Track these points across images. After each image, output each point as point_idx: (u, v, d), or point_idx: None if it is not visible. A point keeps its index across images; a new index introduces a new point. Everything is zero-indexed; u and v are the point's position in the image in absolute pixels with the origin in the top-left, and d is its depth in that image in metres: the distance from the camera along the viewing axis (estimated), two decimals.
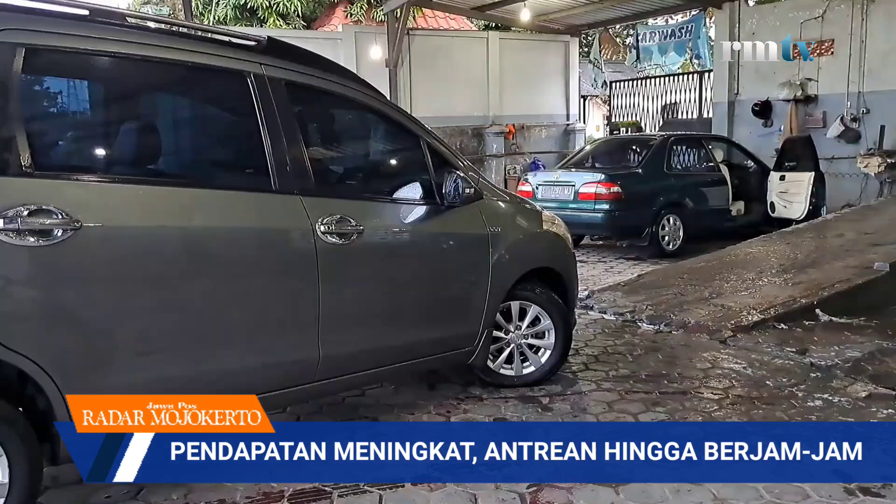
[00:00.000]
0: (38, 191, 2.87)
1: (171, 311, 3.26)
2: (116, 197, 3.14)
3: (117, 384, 3.07)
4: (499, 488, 3.60)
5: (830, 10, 13.49)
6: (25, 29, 2.96)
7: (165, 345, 3.26)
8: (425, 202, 4.33)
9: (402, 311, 4.32)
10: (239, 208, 3.57)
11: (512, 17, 17.72)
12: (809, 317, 6.62)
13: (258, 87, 3.63)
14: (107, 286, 3.05)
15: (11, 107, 2.87)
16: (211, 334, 3.42)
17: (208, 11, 17.49)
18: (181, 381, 3.26)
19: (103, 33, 3.19)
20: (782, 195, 11.59)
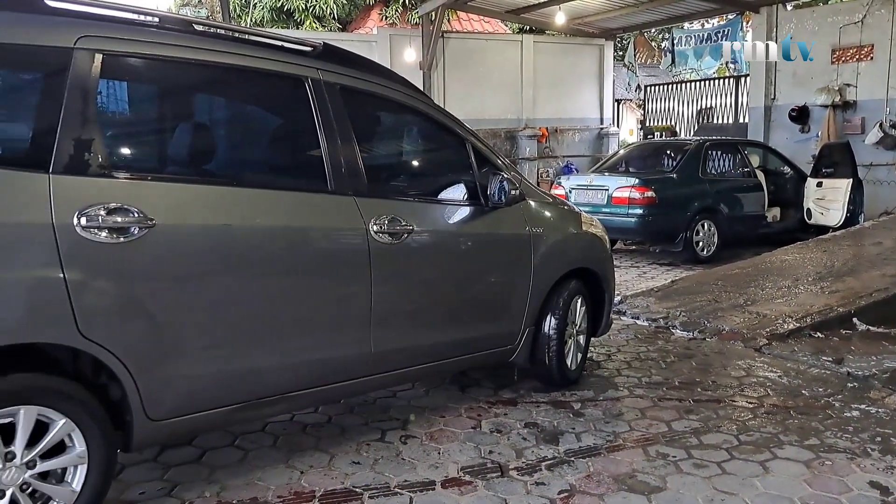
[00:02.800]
0: (115, 191, 2.99)
1: (235, 306, 3.37)
2: (186, 196, 3.25)
3: (185, 374, 3.20)
4: (529, 493, 3.57)
5: (870, 15, 13.32)
6: (102, 36, 3.07)
7: (229, 338, 3.37)
8: (470, 203, 4.43)
9: (447, 309, 4.42)
10: (298, 208, 3.68)
11: (546, 20, 17.70)
12: (846, 326, 6.54)
13: (315, 92, 3.76)
14: (177, 281, 3.16)
15: (90, 111, 3.00)
16: (271, 329, 3.52)
17: (245, 14, 17.64)
18: (244, 374, 3.42)
19: (173, 40, 3.32)
20: (819, 202, 11.46)
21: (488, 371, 5.42)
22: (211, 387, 3.33)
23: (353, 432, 4.29)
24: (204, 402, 3.33)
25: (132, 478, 3.69)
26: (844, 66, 13.81)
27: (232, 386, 3.40)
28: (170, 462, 3.86)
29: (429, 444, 4.15)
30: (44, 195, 2.79)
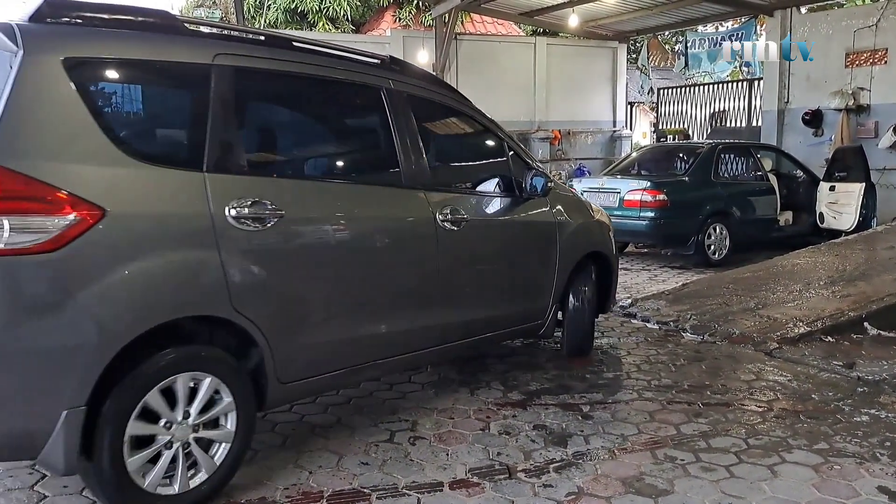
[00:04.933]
0: (253, 186, 3.54)
1: (343, 284, 3.97)
2: (304, 191, 3.87)
3: (307, 343, 3.76)
4: (537, 495, 3.58)
5: (885, 19, 13.27)
6: (232, 53, 3.66)
7: (340, 311, 3.97)
8: (510, 195, 5.10)
9: (496, 287, 5.08)
10: (382, 201, 4.28)
11: (560, 22, 17.69)
12: (858, 330, 6.52)
13: (389, 99, 4.36)
14: (301, 263, 3.73)
15: (229, 117, 3.57)
16: (368, 303, 4.13)
17: (259, 15, 17.71)
18: (349, 343, 4.02)
19: (282, 55, 3.91)
20: (832, 206, 11.42)
21: (497, 373, 5.44)
22: (325, 354, 3.91)
23: (361, 433, 4.30)
24: (319, 368, 3.89)
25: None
26: (858, 70, 13.75)
27: (340, 353, 4.00)
28: None
29: (437, 445, 4.16)
30: (202, 190, 3.34)
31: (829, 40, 14.09)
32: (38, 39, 3.10)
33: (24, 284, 2.86)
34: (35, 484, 3.63)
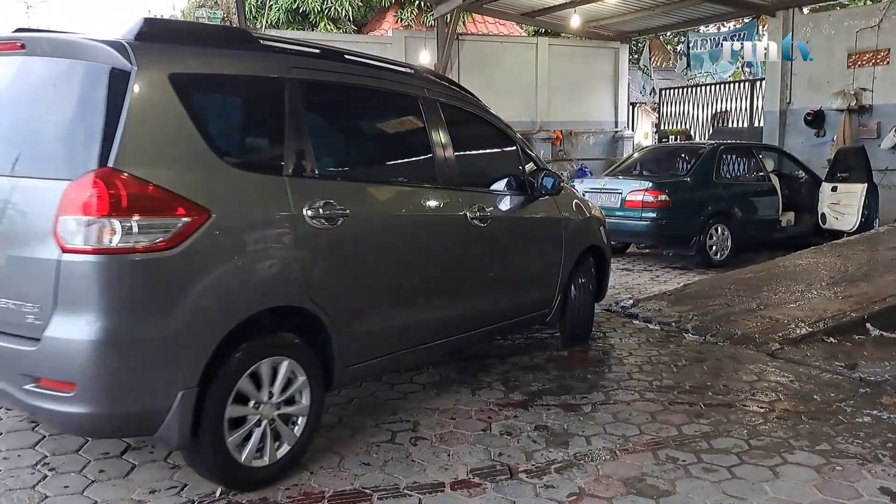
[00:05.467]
0: (323, 189, 3.90)
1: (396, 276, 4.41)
2: (362, 192, 4.24)
3: (367, 330, 4.15)
4: (538, 496, 3.58)
5: (887, 19, 13.27)
6: (302, 67, 4.04)
7: (393, 301, 4.40)
8: (525, 194, 5.52)
9: (514, 278, 5.55)
10: (424, 200, 4.68)
11: (562, 23, 17.69)
12: (860, 331, 6.51)
13: (425, 107, 4.79)
14: (361, 257, 4.11)
15: (303, 126, 3.92)
16: (415, 292, 4.59)
17: (261, 15, 17.70)
18: (400, 329, 4.43)
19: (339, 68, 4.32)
20: (834, 206, 11.40)
21: (499, 374, 5.44)
22: (380, 339, 4.30)
23: (363, 433, 4.31)
24: (376, 351, 4.29)
25: (142, 478, 3.73)
26: (860, 71, 13.75)
27: (393, 338, 4.41)
28: (179, 462, 3.88)
29: (438, 445, 4.16)
30: (284, 193, 3.70)
31: (832, 41, 14.08)
32: (148, 57, 3.35)
33: (149, 279, 3.17)
34: (36, 484, 3.63)
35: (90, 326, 3.05)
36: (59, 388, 3.12)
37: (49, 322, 3.11)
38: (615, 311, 7.45)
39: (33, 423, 4.33)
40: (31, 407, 3.27)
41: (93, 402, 3.13)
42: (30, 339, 3.16)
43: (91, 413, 3.14)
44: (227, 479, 3.57)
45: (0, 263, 3.34)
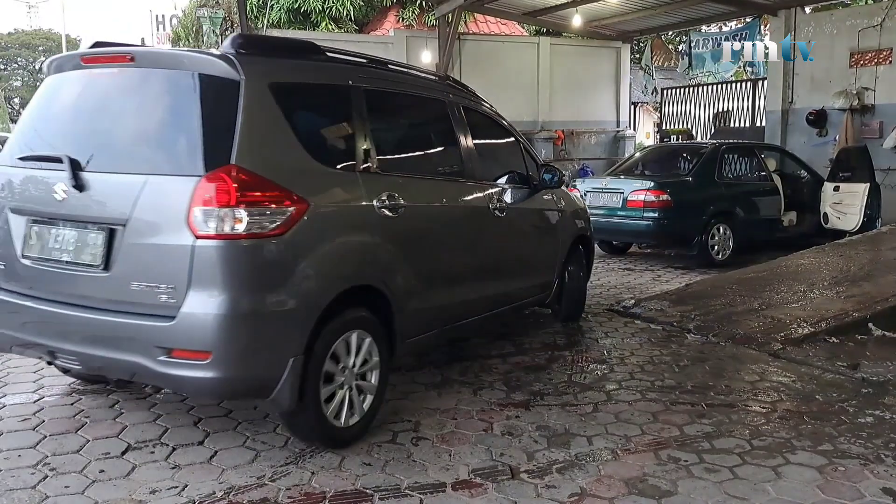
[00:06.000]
0: (385, 184, 4.45)
1: (441, 259, 5.03)
2: (412, 186, 4.76)
3: (421, 307, 4.69)
4: (540, 496, 3.57)
5: (889, 18, 13.23)
6: (361, 76, 4.62)
7: (440, 281, 4.96)
8: (531, 187, 6.15)
9: (526, 262, 6.23)
10: (457, 193, 5.29)
11: (563, 22, 17.67)
12: (862, 331, 6.50)
13: (451, 110, 5.44)
14: (415, 243, 4.69)
15: (367, 128, 4.47)
16: (455, 273, 5.18)
17: (262, 15, 17.67)
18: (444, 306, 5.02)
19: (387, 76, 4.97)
20: (836, 206, 11.38)
21: (500, 374, 5.43)
22: (429, 316, 4.87)
23: (363, 433, 4.29)
24: (425, 327, 4.86)
25: (143, 477, 3.72)
26: (863, 70, 13.72)
27: (438, 316, 5.00)
28: (180, 462, 3.89)
29: (440, 445, 4.15)
30: (359, 186, 4.30)
31: (834, 40, 14.06)
32: (251, 68, 3.86)
33: (267, 260, 3.67)
34: (37, 484, 3.62)
35: (223, 302, 3.53)
36: (194, 358, 3.57)
37: (184, 300, 3.54)
38: (617, 310, 7.44)
39: (34, 424, 4.35)
40: (162, 375, 3.65)
41: (225, 368, 3.58)
42: (163, 316, 3.58)
43: (222, 378, 3.59)
44: (324, 438, 4.05)
45: (132, 251, 3.71)
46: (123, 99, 4.11)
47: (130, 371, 3.82)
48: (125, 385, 4.94)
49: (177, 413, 4.58)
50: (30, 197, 4.14)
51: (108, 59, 4.16)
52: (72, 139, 4.09)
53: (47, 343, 3.97)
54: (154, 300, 3.62)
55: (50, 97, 4.39)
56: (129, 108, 4.07)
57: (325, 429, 4.00)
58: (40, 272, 3.99)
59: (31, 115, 4.48)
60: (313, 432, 4.02)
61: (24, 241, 4.06)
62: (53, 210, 3.95)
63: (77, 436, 4.21)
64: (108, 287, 3.76)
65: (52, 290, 3.96)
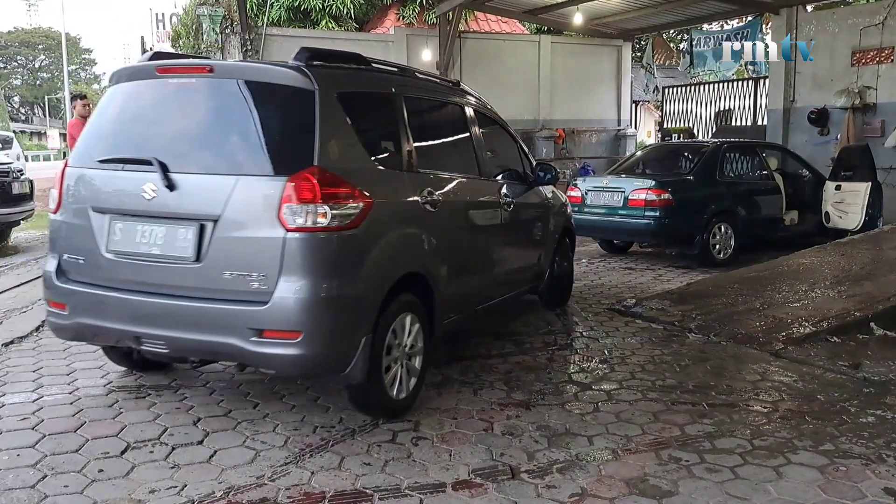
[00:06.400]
0: (424, 181, 5.00)
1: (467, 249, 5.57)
2: (444, 183, 5.28)
3: (453, 292, 5.20)
4: (540, 496, 3.56)
5: (891, 17, 13.21)
6: (400, 84, 5.18)
7: (467, 269, 5.56)
8: (528, 183, 6.71)
9: (528, 252, 6.84)
10: (476, 188, 5.91)
11: (565, 20, 17.66)
12: (863, 330, 6.48)
13: (465, 114, 5.98)
14: (449, 235, 5.19)
15: (407, 131, 4.98)
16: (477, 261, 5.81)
17: (262, 13, 17.63)
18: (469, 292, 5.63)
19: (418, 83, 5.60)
20: (837, 205, 11.36)
21: (500, 373, 5.42)
22: (458, 301, 5.38)
23: (363, 433, 4.29)
24: (454, 312, 5.34)
25: (142, 477, 3.71)
26: (865, 69, 13.70)
27: (464, 300, 5.56)
28: (179, 462, 3.88)
29: (440, 445, 4.14)
30: (405, 184, 4.84)
31: (836, 38, 14.04)
32: (322, 79, 4.29)
33: (346, 250, 4.16)
34: (36, 483, 3.61)
35: (313, 288, 3.98)
36: (285, 337, 3.99)
37: (276, 286, 3.96)
38: (618, 310, 7.43)
39: (33, 423, 4.35)
40: (254, 354, 4.04)
41: (313, 346, 4.02)
42: (256, 301, 3.99)
43: (310, 354, 4.04)
44: (384, 408, 4.51)
45: (224, 244, 4.08)
46: (204, 106, 4.47)
47: (222, 352, 4.23)
48: (139, 384, 4.92)
49: (176, 413, 4.58)
50: (113, 196, 4.44)
51: (187, 70, 4.58)
52: (153, 143, 4.41)
53: (133, 329, 4.30)
54: (246, 287, 4.02)
55: (121, 104, 4.73)
56: (211, 115, 4.45)
57: (385, 400, 4.47)
58: (125, 265, 4.32)
59: (101, 121, 4.80)
60: (375, 403, 4.47)
61: (108, 237, 4.36)
62: (141, 208, 4.26)
63: (76, 435, 4.21)
64: (199, 276, 4.13)
65: (138, 281, 4.29)
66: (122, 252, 4.32)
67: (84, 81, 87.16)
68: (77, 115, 11.70)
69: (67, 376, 5.24)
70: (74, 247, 4.53)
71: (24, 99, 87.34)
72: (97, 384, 5.08)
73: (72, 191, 4.60)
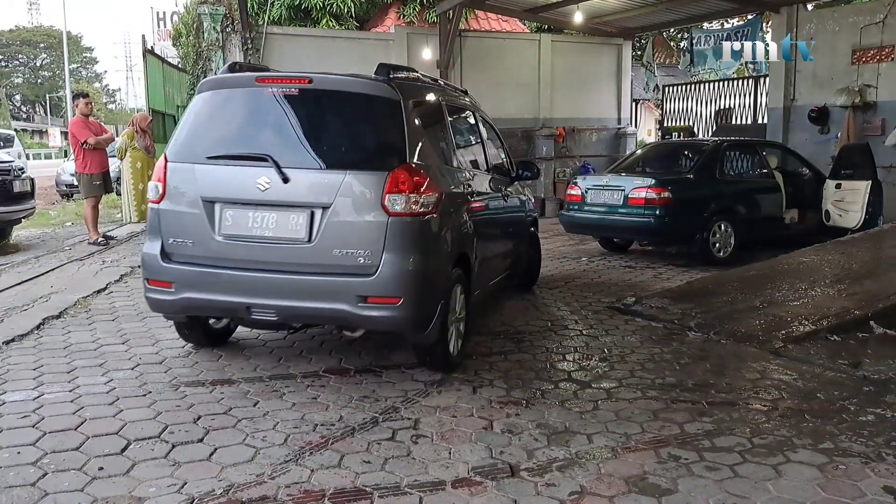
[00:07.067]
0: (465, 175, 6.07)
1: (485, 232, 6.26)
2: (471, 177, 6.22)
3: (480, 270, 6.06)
4: (540, 494, 3.57)
5: (892, 15, 13.19)
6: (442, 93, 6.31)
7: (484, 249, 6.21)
8: (510, 177, 7.56)
9: (513, 236, 7.64)
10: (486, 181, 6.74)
11: (565, 19, 17.63)
12: (863, 329, 6.49)
13: (475, 117, 7.12)
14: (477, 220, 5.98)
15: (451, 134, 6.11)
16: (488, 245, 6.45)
17: (263, 12, 17.61)
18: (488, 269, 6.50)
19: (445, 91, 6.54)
20: (838, 204, 11.36)
21: (500, 371, 5.43)
22: (482, 278, 6.23)
23: (363, 431, 4.30)
24: (478, 287, 6.16)
25: (143, 475, 3.72)
26: (865, 67, 13.69)
27: (484, 277, 6.36)
28: (179, 460, 3.88)
29: (440, 443, 4.15)
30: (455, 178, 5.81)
31: (836, 37, 14.03)
32: (402, 90, 5.25)
33: (431, 231, 5.09)
34: (36, 481, 3.62)
35: (411, 261, 4.89)
36: (388, 302, 4.87)
37: (380, 261, 4.83)
38: (618, 308, 7.43)
39: (34, 421, 4.35)
40: (361, 316, 4.88)
41: (409, 308, 4.89)
42: (362, 274, 4.84)
43: (406, 315, 4.92)
44: (446, 363, 5.40)
45: (334, 227, 4.87)
46: (306, 112, 5.23)
47: (331, 316, 5.02)
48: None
49: (176, 410, 4.58)
50: (225, 187, 5.11)
51: (287, 80, 5.27)
52: (262, 142, 5.14)
53: (244, 301, 5.01)
54: (353, 262, 4.85)
55: (219, 109, 5.42)
56: (314, 120, 5.26)
57: (447, 356, 5.38)
58: (237, 246, 5.02)
59: (198, 123, 5.42)
60: (442, 359, 5.37)
61: (220, 223, 5.05)
62: (255, 197, 4.99)
63: (77, 433, 4.21)
64: (310, 254, 4.90)
65: (249, 259, 5.00)
66: (233, 235, 5.03)
67: (85, 80, 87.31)
68: (79, 114, 11.72)
69: (68, 374, 5.25)
70: (182, 232, 5.16)
71: (26, 97, 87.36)
72: (98, 382, 5.09)
73: (177, 183, 5.21)
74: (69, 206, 18.50)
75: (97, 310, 7.27)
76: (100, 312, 7.16)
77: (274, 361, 5.64)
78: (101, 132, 11.80)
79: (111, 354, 5.74)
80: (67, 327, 6.58)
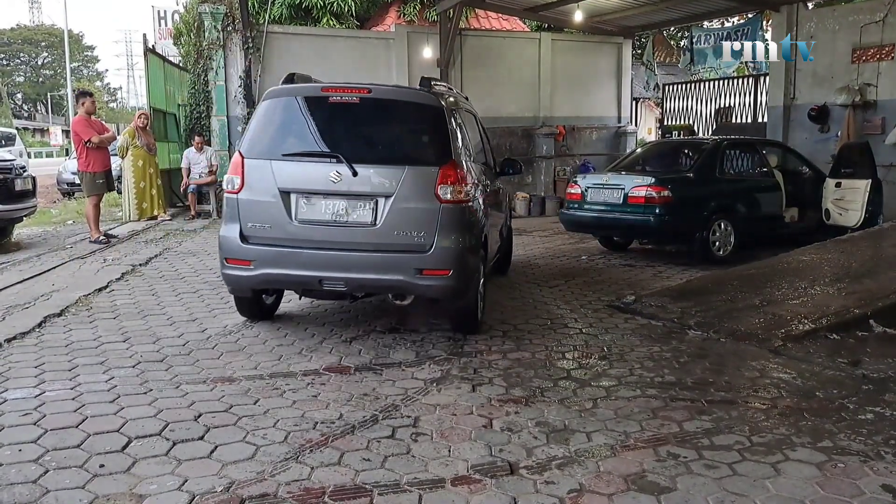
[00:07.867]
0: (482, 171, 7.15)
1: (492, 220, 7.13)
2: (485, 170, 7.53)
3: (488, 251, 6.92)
4: (539, 492, 3.57)
5: (892, 14, 13.20)
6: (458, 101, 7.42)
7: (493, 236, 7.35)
8: (497, 173, 8.39)
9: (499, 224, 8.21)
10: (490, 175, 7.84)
11: (565, 18, 17.64)
12: (863, 327, 6.49)
13: (477, 121, 8.10)
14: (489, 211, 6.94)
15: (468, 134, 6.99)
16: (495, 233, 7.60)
17: (264, 11, 17.62)
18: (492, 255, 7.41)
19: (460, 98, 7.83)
20: (838, 202, 11.36)
21: (500, 370, 5.44)
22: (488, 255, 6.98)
23: (363, 429, 4.30)
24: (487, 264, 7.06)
25: (143, 472, 3.72)
26: (865, 66, 13.70)
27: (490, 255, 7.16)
28: (180, 457, 3.89)
29: (439, 441, 4.15)
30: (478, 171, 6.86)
31: (836, 36, 14.04)
32: (442, 99, 6.33)
33: (472, 215, 6.13)
34: (37, 479, 3.63)
35: (459, 240, 5.90)
36: (440, 274, 5.82)
37: (434, 240, 5.80)
38: (617, 306, 7.44)
39: (35, 418, 4.37)
40: (417, 285, 5.85)
41: (456, 279, 5.87)
42: (418, 251, 5.81)
43: (454, 285, 5.89)
44: (477, 326, 6.49)
45: (395, 212, 5.80)
46: (368, 117, 6.25)
47: (392, 286, 5.95)
48: None
49: (177, 408, 4.59)
50: (300, 179, 5.99)
51: (350, 90, 6.19)
52: (331, 142, 6.12)
53: (317, 274, 5.87)
54: (411, 241, 5.82)
55: (289, 113, 6.33)
56: (375, 123, 6.29)
57: (477, 320, 6.49)
58: (311, 228, 5.91)
59: (268, 125, 6.29)
60: (474, 322, 6.44)
61: (296, 210, 5.94)
62: (327, 188, 5.88)
63: (78, 430, 4.22)
64: (375, 235, 5.83)
65: (321, 240, 5.88)
66: (308, 220, 5.92)
67: (86, 79, 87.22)
68: (84, 112, 11.73)
69: (69, 372, 5.26)
70: (261, 217, 5.99)
71: (27, 96, 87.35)
72: (99, 379, 5.10)
73: (255, 176, 6.03)
74: (70, 205, 18.51)
75: (98, 308, 7.28)
76: (101, 310, 7.17)
77: (274, 359, 5.65)
78: (103, 131, 11.82)
79: (112, 352, 5.75)
80: (69, 325, 6.59)
